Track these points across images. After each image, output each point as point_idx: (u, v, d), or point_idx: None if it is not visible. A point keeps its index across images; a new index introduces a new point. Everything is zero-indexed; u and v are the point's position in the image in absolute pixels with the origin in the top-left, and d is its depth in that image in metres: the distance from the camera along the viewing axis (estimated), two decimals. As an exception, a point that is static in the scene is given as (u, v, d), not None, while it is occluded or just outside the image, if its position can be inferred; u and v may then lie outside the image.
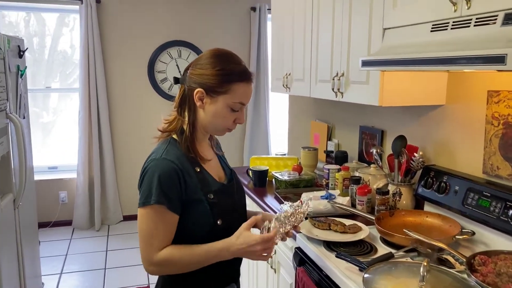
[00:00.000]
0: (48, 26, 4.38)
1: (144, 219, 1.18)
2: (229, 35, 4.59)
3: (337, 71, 2.00)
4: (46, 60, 4.41)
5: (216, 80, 1.20)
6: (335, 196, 1.98)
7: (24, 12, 4.29)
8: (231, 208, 1.32)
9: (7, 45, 2.13)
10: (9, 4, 4.12)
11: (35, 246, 2.64)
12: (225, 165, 1.44)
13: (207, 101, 1.23)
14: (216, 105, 1.22)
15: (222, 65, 1.22)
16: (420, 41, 1.41)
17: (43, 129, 4.57)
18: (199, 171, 1.26)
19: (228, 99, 1.22)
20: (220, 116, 1.24)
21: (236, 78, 1.22)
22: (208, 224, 1.23)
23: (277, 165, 2.67)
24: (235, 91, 1.22)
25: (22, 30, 4.33)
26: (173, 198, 1.18)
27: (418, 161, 1.79)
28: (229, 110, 1.24)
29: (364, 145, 2.40)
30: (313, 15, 2.24)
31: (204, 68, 1.22)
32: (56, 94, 4.52)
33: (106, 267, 3.53)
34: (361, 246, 1.58)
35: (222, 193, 1.30)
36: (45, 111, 4.55)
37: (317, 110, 2.97)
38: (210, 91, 1.21)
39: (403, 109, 2.06)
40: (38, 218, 4.22)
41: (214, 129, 1.28)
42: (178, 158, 1.21)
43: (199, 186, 1.23)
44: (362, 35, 1.79)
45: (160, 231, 1.18)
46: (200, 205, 1.22)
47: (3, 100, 2.00)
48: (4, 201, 2.05)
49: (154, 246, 1.18)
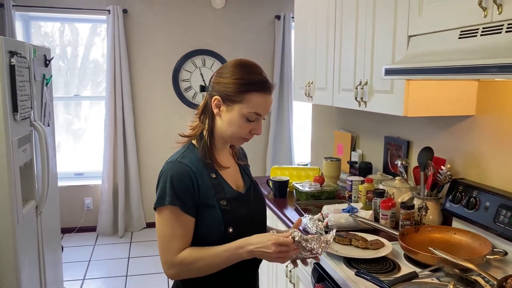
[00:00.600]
0: (81, 36, 4.51)
1: (161, 222, 1.20)
2: (253, 43, 4.58)
3: (361, 80, 1.94)
4: (79, 69, 4.53)
5: (233, 88, 1.21)
6: (357, 209, 1.90)
7: (59, 23, 4.43)
8: (245, 217, 1.29)
9: (33, 54, 2.17)
10: (41, 15, 4.26)
11: (57, 251, 2.67)
12: (246, 175, 1.42)
13: (223, 109, 1.24)
14: (231, 113, 1.23)
15: (240, 74, 1.22)
16: (447, 48, 1.34)
17: (74, 136, 4.69)
18: (215, 177, 1.26)
19: (244, 109, 1.22)
20: (235, 125, 1.24)
21: (253, 88, 1.21)
22: (219, 231, 1.22)
23: (298, 175, 2.61)
24: (250, 100, 1.21)
25: (57, 40, 4.47)
26: (186, 200, 1.19)
27: (446, 174, 1.70)
28: (245, 120, 1.23)
29: (389, 157, 2.31)
30: (336, 23, 2.19)
31: (224, 77, 1.24)
32: (88, 101, 4.63)
33: (128, 274, 3.55)
34: (384, 264, 1.50)
35: (237, 201, 1.28)
36: (76, 118, 4.67)
37: (341, 119, 2.90)
38: (227, 99, 1.22)
39: (430, 120, 1.97)
40: (64, 224, 4.34)
41: (230, 137, 1.28)
42: (193, 163, 1.23)
43: (212, 192, 1.23)
44: (386, 43, 1.73)
45: (177, 233, 1.19)
46: (212, 211, 1.23)
47: (27, 108, 2.04)
48: (26, 208, 2.07)
49: (172, 248, 1.19)
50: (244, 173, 1.41)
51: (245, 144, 1.34)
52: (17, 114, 1.89)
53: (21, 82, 1.96)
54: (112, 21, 4.12)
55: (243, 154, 1.50)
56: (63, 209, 4.35)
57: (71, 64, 4.49)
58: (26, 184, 2.11)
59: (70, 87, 4.53)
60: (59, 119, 4.57)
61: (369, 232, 1.77)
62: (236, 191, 1.31)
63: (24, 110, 1.99)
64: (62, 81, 4.50)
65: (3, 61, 1.80)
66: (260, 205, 1.40)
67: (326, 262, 1.54)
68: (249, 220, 1.30)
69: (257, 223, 1.35)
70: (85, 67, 4.51)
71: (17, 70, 1.90)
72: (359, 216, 1.83)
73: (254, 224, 1.33)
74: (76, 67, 4.52)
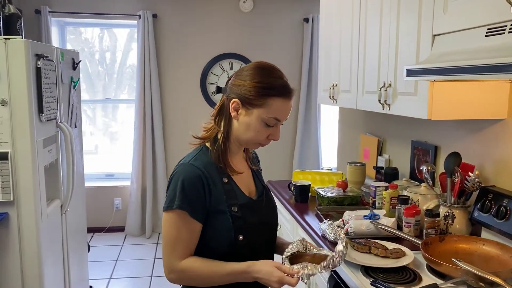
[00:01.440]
0: (119, 41, 4.64)
1: (168, 224, 1.18)
2: (281, 46, 4.55)
3: (384, 82, 1.87)
4: (117, 73, 4.68)
5: (253, 92, 1.17)
6: (379, 216, 1.83)
7: (99, 29, 4.58)
8: (256, 225, 1.26)
9: (61, 57, 2.24)
10: (75, 21, 4.41)
11: (83, 250, 2.73)
12: (259, 181, 1.38)
13: (242, 112, 1.20)
14: (250, 117, 1.19)
15: (261, 77, 1.18)
16: (473, 47, 1.26)
17: (111, 138, 4.85)
18: (227, 182, 1.23)
19: (263, 113, 1.18)
20: (253, 130, 1.20)
21: (274, 92, 1.17)
22: (228, 238, 1.19)
23: (321, 180, 2.55)
24: (271, 105, 1.17)
25: (96, 45, 4.63)
26: (196, 205, 1.16)
27: (473, 181, 1.60)
28: (263, 125, 1.19)
29: (416, 162, 2.22)
30: (360, 23, 2.13)
31: (244, 79, 1.20)
32: (124, 105, 4.76)
33: (153, 275, 3.58)
34: (404, 274, 1.42)
35: (248, 208, 1.25)
36: (114, 121, 4.82)
37: (367, 123, 2.82)
38: (246, 103, 1.18)
39: (458, 123, 1.88)
40: (94, 223, 4.45)
41: (246, 141, 1.24)
42: (206, 166, 1.20)
43: (224, 197, 1.20)
44: (410, 43, 1.66)
45: (182, 238, 1.17)
46: (222, 217, 1.19)
47: (53, 109, 2.09)
48: (51, 207, 2.13)
49: (176, 253, 1.17)
50: (257, 178, 1.38)
51: (271, 147, 1.31)
52: (42, 115, 1.95)
53: (48, 84, 2.01)
54: (142, 26, 4.20)
55: (256, 159, 1.47)
56: (94, 209, 4.47)
57: (109, 69, 4.65)
58: (51, 183, 2.17)
59: (108, 90, 4.69)
60: (98, 122, 4.77)
61: (391, 240, 1.69)
62: (248, 197, 1.27)
63: (50, 112, 2.04)
64: (100, 85, 4.66)
65: (30, 63, 1.86)
66: (271, 213, 1.36)
67: (343, 270, 1.48)
68: (260, 228, 1.27)
69: (267, 231, 1.32)
70: (122, 72, 4.64)
71: (43, 73, 1.95)
72: (380, 223, 1.76)
73: (264, 232, 1.30)
74: (114, 72, 4.67)
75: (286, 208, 2.32)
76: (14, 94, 1.85)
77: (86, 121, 4.73)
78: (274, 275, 1.13)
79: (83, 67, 4.59)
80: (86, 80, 4.63)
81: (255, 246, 1.24)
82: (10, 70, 1.83)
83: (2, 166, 1.85)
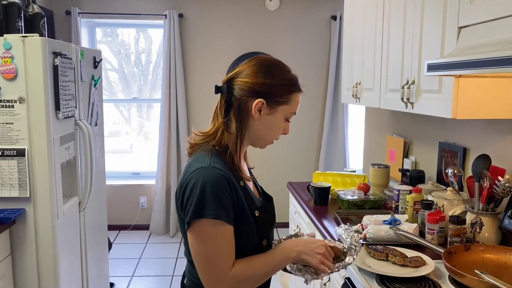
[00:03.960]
0: (154, 43, 4.70)
1: (202, 237, 1.05)
2: (308, 45, 4.46)
3: (408, 79, 1.76)
4: (151, 74, 4.75)
5: (282, 90, 1.14)
6: (400, 221, 1.72)
7: (135, 31, 4.67)
8: (271, 227, 1.25)
9: (81, 56, 2.25)
10: (104, 21, 4.49)
11: (103, 247, 2.75)
12: (257, 183, 1.33)
13: (265, 111, 1.14)
14: (275, 115, 1.16)
15: (283, 74, 1.16)
16: (501, 38, 1.15)
17: (145, 138, 4.94)
18: (243, 185, 1.15)
19: (286, 110, 1.17)
20: (276, 127, 1.18)
21: (296, 88, 1.18)
22: (253, 244, 1.14)
23: (343, 182, 2.45)
24: (293, 100, 1.17)
25: (132, 47, 4.72)
26: (229, 210, 1.07)
27: (503, 186, 1.47)
28: (284, 121, 1.19)
29: (444, 165, 2.08)
30: (384, 17, 2.02)
31: (266, 78, 1.13)
32: (158, 105, 4.83)
33: (174, 274, 3.58)
34: (422, 284, 1.32)
35: (265, 211, 1.19)
36: (148, 121, 4.91)
37: (394, 123, 2.69)
38: (271, 102, 1.14)
39: (488, 124, 1.74)
40: (120, 221, 4.51)
41: (265, 141, 1.20)
42: (225, 169, 1.10)
43: (245, 201, 1.13)
44: (435, 37, 1.54)
45: (225, 249, 1.06)
46: (247, 223, 1.12)
47: (71, 107, 2.11)
48: (68, 203, 2.14)
49: (222, 267, 1.06)
50: (255, 181, 1.33)
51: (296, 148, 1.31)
52: (59, 112, 1.96)
53: (65, 82, 2.03)
54: (168, 25, 4.22)
55: None
56: (120, 207, 4.53)
57: (144, 70, 4.74)
58: (69, 180, 2.18)
59: (143, 91, 4.78)
60: (132, 122, 4.90)
61: (412, 248, 1.58)
62: (261, 200, 1.23)
63: (67, 109, 2.06)
64: (135, 86, 4.74)
65: (47, 61, 1.87)
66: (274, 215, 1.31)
67: (356, 278, 1.40)
68: (272, 231, 1.26)
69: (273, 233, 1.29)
70: (157, 72, 4.69)
71: (61, 71, 1.97)
72: (400, 229, 1.65)
73: (272, 231, 1.27)
74: (149, 73, 4.75)
75: (304, 211, 2.25)
76: (31, 92, 1.87)
77: (121, 121, 4.86)
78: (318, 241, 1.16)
79: (120, 68, 4.69)
80: (122, 81, 4.73)
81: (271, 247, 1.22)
82: (28, 68, 1.85)
83: (20, 162, 1.88)
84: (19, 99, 1.86)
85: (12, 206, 1.92)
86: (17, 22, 2.02)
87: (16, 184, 1.89)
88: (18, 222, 1.93)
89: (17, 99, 1.86)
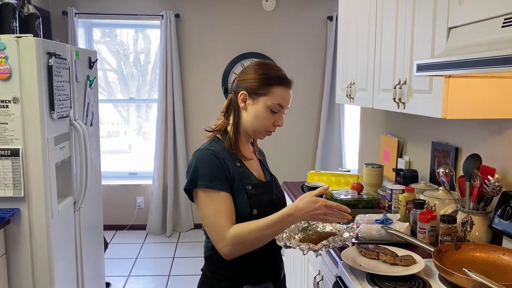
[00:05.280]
0: (153, 43, 4.71)
1: (202, 204, 1.28)
2: (304, 45, 4.47)
3: (400, 79, 1.77)
4: (150, 74, 4.76)
5: (258, 82, 1.34)
6: (392, 221, 1.73)
7: (133, 31, 4.68)
8: (269, 203, 1.37)
9: (76, 56, 2.26)
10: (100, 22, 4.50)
11: (98, 247, 2.76)
12: (266, 169, 1.52)
13: (249, 102, 1.36)
14: (257, 106, 1.34)
15: (263, 70, 1.36)
16: (489, 39, 1.16)
17: (144, 138, 4.95)
18: (240, 165, 1.36)
19: (268, 101, 1.34)
20: (260, 117, 1.35)
21: (275, 81, 1.34)
22: (245, 212, 1.31)
23: (337, 182, 2.46)
24: (274, 93, 1.34)
25: (131, 47, 4.73)
26: (219, 178, 1.28)
27: (493, 186, 1.48)
28: (269, 112, 1.35)
29: (437, 164, 2.10)
30: (377, 18, 2.03)
31: (248, 74, 1.37)
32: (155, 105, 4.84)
33: (171, 274, 3.59)
34: (412, 283, 1.33)
35: (261, 187, 1.38)
36: (147, 121, 4.93)
37: (388, 123, 2.70)
38: (253, 93, 1.34)
39: (479, 123, 1.75)
40: (117, 221, 4.52)
41: (254, 130, 1.38)
42: (220, 151, 1.33)
43: (239, 178, 1.33)
44: (426, 38, 1.56)
45: (220, 210, 1.26)
46: (239, 195, 1.32)
47: (66, 107, 2.12)
48: (63, 203, 2.15)
49: (221, 226, 1.25)
50: (264, 167, 1.52)
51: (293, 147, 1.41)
52: (53, 112, 1.97)
53: (60, 82, 2.04)
54: (165, 26, 4.23)
55: (261, 153, 1.60)
56: (117, 207, 4.53)
57: (143, 70, 4.75)
58: (63, 180, 2.19)
59: (141, 92, 4.79)
60: (131, 122, 4.92)
61: (404, 247, 1.59)
62: (259, 179, 1.41)
63: (62, 109, 2.06)
64: (134, 86, 4.75)
65: (41, 61, 1.88)
66: (280, 196, 1.47)
67: (347, 277, 1.41)
68: (272, 207, 1.35)
69: (277, 210, 1.33)
70: (155, 73, 4.71)
71: (55, 71, 1.97)
72: (392, 228, 1.66)
73: (274, 210, 1.32)
74: (147, 73, 4.76)
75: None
76: (26, 92, 1.87)
77: (120, 121, 4.88)
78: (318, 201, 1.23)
79: (118, 68, 4.70)
80: (120, 82, 4.73)
81: None
82: (22, 68, 1.86)
83: (14, 162, 1.88)
84: (13, 99, 1.87)
85: (6, 206, 1.93)
86: (12, 23, 2.02)
87: (11, 184, 1.90)
88: (12, 222, 1.94)
89: (11, 99, 1.87)
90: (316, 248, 1.27)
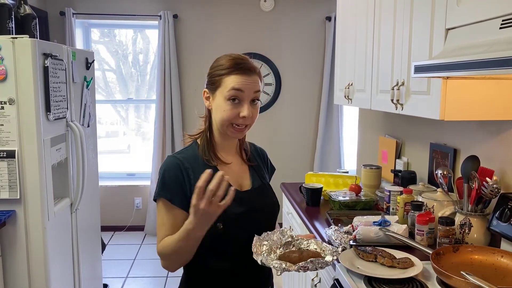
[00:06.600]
0: (152, 43, 4.69)
1: (157, 212, 1.27)
2: (303, 46, 4.46)
3: (397, 80, 1.76)
4: (149, 74, 4.74)
5: (210, 76, 1.31)
6: (390, 222, 1.72)
7: (132, 31, 4.66)
8: (240, 215, 1.25)
9: (72, 57, 2.25)
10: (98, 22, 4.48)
11: (96, 249, 2.74)
12: (257, 176, 1.38)
13: (211, 98, 1.32)
14: (216, 100, 1.29)
15: (215, 63, 1.31)
16: (486, 40, 1.15)
17: (143, 138, 4.94)
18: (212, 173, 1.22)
19: (223, 91, 1.26)
20: (221, 109, 1.27)
21: (225, 71, 1.26)
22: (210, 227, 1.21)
23: (335, 183, 2.45)
24: (226, 82, 1.26)
25: (130, 47, 4.71)
26: (175, 193, 1.22)
27: (491, 188, 1.48)
28: (229, 103, 1.25)
29: (435, 166, 2.09)
30: (375, 19, 2.03)
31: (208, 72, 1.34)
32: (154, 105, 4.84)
33: (168, 275, 3.58)
34: (410, 285, 1.32)
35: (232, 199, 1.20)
36: (146, 122, 4.91)
37: (386, 124, 2.70)
38: (210, 89, 1.31)
39: (477, 125, 1.75)
40: (115, 222, 4.50)
41: (222, 124, 1.28)
42: (188, 158, 1.27)
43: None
44: (424, 39, 1.55)
45: (164, 223, 1.24)
46: None
47: (62, 108, 2.10)
48: (60, 205, 2.14)
49: (159, 238, 1.24)
50: (255, 174, 1.38)
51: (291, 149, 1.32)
52: (50, 114, 1.95)
53: (56, 83, 2.02)
54: (163, 26, 4.22)
55: (259, 156, 1.46)
56: (115, 207, 4.52)
57: (142, 70, 4.73)
58: (60, 182, 2.18)
59: (141, 92, 4.77)
60: (130, 123, 4.89)
61: (402, 249, 1.58)
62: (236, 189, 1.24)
63: (58, 110, 2.05)
64: (133, 86, 4.74)
65: (37, 62, 1.87)
66: (265, 207, 1.35)
67: (344, 279, 1.40)
68: (245, 219, 1.26)
69: (255, 223, 1.29)
70: (154, 73, 4.69)
71: (51, 72, 1.96)
72: (389, 230, 1.65)
73: (252, 225, 1.27)
74: (146, 73, 4.74)
75: (296, 212, 2.25)
76: (21, 93, 1.86)
77: (119, 122, 4.85)
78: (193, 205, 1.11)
79: (117, 69, 4.69)
80: (119, 82, 4.72)
81: (237, 237, 1.24)
82: (18, 69, 1.85)
83: (10, 164, 1.87)
84: (9, 100, 1.86)
85: (2, 208, 1.92)
86: (8, 23, 2.01)
87: (7, 185, 1.88)
88: (8, 224, 1.93)
89: (7, 100, 1.86)
90: (291, 269, 1.16)
